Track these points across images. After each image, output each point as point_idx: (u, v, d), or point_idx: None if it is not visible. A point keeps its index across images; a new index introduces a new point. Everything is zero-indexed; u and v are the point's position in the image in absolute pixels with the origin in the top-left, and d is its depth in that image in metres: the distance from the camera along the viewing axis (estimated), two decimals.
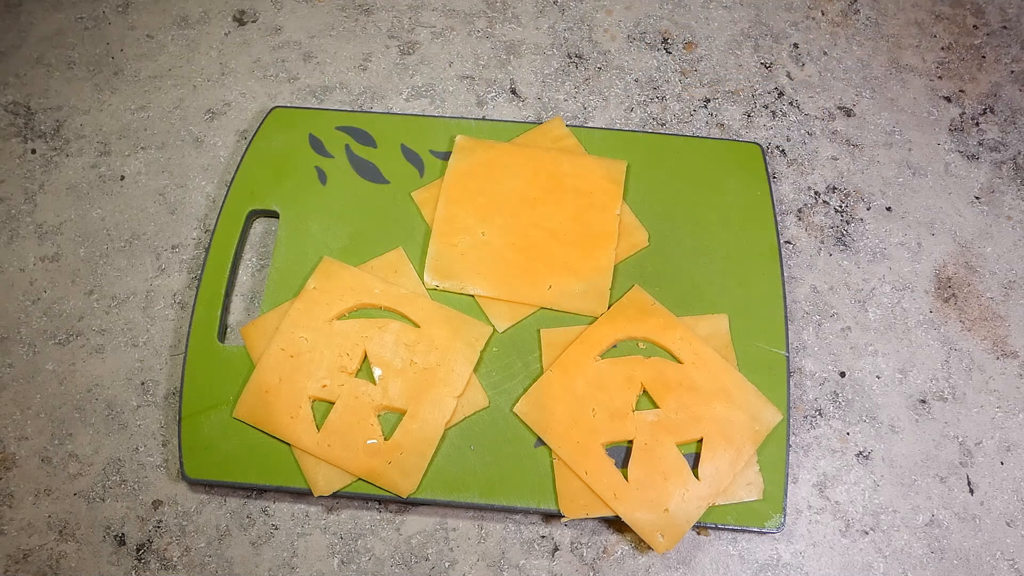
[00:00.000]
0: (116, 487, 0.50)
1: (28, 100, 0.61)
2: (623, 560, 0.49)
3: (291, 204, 0.56)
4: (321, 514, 0.50)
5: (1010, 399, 0.53)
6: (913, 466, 0.51)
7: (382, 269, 0.53)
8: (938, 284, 0.56)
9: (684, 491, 0.48)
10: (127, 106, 0.61)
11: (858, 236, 0.57)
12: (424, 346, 0.51)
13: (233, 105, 0.61)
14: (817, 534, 0.50)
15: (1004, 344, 0.54)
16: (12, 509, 0.50)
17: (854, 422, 0.52)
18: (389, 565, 0.49)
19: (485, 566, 0.49)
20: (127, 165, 0.59)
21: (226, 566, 0.49)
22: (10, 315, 0.54)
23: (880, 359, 0.54)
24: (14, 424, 0.52)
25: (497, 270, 0.53)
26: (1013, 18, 0.65)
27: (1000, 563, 0.49)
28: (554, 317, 0.53)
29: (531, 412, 0.50)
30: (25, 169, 0.59)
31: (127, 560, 0.49)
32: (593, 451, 0.49)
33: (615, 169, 0.56)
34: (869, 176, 0.59)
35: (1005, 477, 0.51)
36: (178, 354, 0.53)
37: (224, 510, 0.50)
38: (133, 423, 0.52)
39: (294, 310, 0.52)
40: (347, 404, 0.49)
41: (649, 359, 0.51)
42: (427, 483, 0.49)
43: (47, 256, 0.56)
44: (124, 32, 0.63)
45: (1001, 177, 0.59)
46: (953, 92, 0.62)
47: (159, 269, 0.56)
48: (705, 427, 0.49)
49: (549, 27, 0.64)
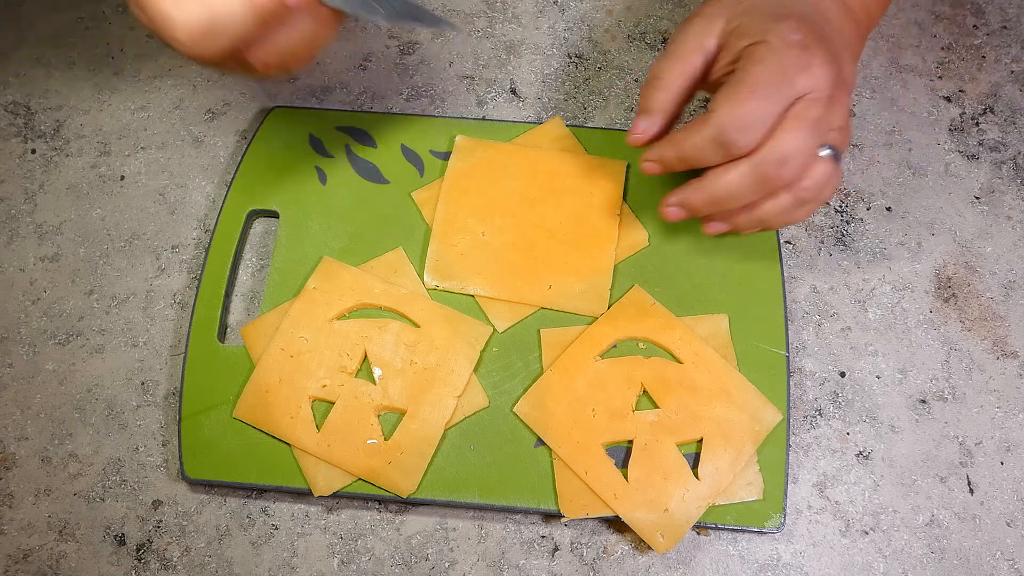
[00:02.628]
0: (116, 487, 0.50)
1: (28, 100, 0.61)
2: (623, 560, 0.49)
3: (291, 204, 0.56)
4: (321, 514, 0.50)
5: (1010, 399, 0.53)
6: (913, 466, 0.51)
7: (382, 269, 0.54)
8: (938, 284, 0.56)
9: (684, 491, 0.48)
10: (127, 106, 0.61)
11: (858, 236, 0.57)
12: (424, 346, 0.51)
13: (233, 105, 0.61)
14: (817, 534, 0.50)
15: (1004, 344, 0.54)
16: (12, 509, 0.50)
17: (854, 422, 0.52)
18: (389, 565, 0.49)
19: (485, 566, 0.49)
20: (127, 165, 0.59)
21: (226, 566, 0.49)
22: (10, 315, 0.54)
23: (880, 359, 0.54)
24: (14, 424, 0.52)
25: (497, 270, 0.53)
26: (1013, 18, 0.65)
27: (1000, 563, 0.49)
28: (554, 317, 0.53)
29: (531, 412, 0.50)
30: (25, 169, 0.59)
31: (127, 560, 0.49)
32: (593, 451, 0.49)
33: (615, 169, 0.56)
34: (869, 176, 0.59)
35: (1005, 477, 0.51)
36: (178, 354, 0.53)
37: (224, 510, 0.50)
38: (133, 423, 0.52)
39: (294, 310, 0.52)
40: (347, 404, 0.49)
41: (649, 359, 0.51)
42: (427, 483, 0.49)
43: (47, 256, 0.56)
44: (124, 32, 0.63)
45: (1001, 177, 0.59)
46: (953, 92, 0.62)
47: (159, 269, 0.56)
48: (705, 427, 0.49)
49: (549, 27, 0.64)
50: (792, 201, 0.45)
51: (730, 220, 0.48)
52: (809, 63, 0.42)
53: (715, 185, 0.45)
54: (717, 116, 0.43)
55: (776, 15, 0.44)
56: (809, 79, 0.42)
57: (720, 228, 0.49)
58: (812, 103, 0.43)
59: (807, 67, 0.42)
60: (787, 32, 0.43)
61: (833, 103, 0.43)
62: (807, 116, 0.43)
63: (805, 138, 0.43)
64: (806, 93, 0.43)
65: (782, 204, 0.46)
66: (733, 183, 0.44)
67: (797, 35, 0.43)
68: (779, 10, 0.45)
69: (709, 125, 0.44)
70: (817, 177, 0.44)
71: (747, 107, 0.42)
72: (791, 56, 0.42)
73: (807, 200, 0.45)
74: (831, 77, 0.43)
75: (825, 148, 0.44)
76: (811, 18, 0.45)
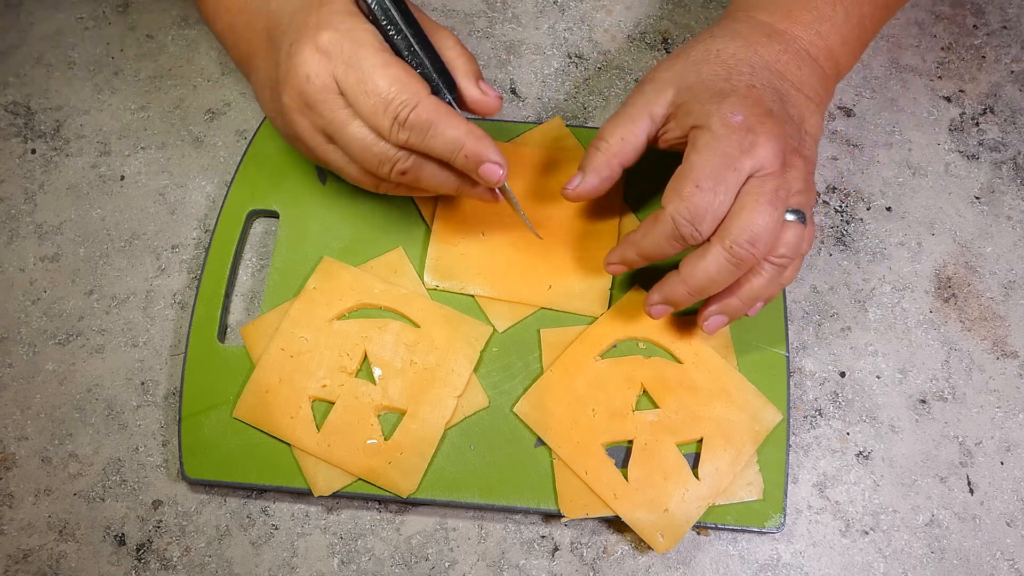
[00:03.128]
0: (116, 487, 0.50)
1: (28, 100, 0.61)
2: (623, 560, 0.49)
3: (291, 204, 0.56)
4: (321, 514, 0.50)
5: (1010, 399, 0.53)
6: (913, 466, 0.51)
7: (382, 269, 0.53)
8: (938, 284, 0.56)
9: (684, 491, 0.48)
10: (127, 106, 0.61)
11: (858, 236, 0.57)
12: (424, 346, 0.51)
13: (233, 105, 0.61)
14: (817, 534, 0.50)
15: (1004, 344, 0.54)
16: (12, 509, 0.50)
17: (854, 422, 0.52)
18: (389, 565, 0.49)
19: (485, 566, 0.49)
20: (127, 165, 0.59)
21: (226, 566, 0.49)
22: (10, 315, 0.54)
23: (880, 359, 0.54)
24: (14, 424, 0.52)
25: (497, 270, 0.53)
26: (1013, 18, 0.65)
27: (1000, 563, 0.49)
28: (554, 317, 0.53)
29: (531, 412, 0.50)
30: (25, 169, 0.59)
31: (127, 560, 0.49)
32: (593, 451, 0.49)
33: None
34: (869, 176, 0.59)
35: (1005, 477, 0.51)
36: (178, 354, 0.53)
37: (224, 510, 0.50)
38: (133, 423, 0.52)
39: (294, 310, 0.52)
40: (347, 404, 0.49)
41: (649, 359, 0.51)
42: (427, 483, 0.49)
43: (47, 256, 0.56)
44: (124, 32, 0.63)
45: (1001, 177, 0.59)
46: (953, 92, 0.62)
47: (159, 269, 0.56)
48: (705, 427, 0.49)
49: (549, 27, 0.64)
50: (774, 270, 0.46)
51: (722, 306, 0.47)
52: (753, 144, 0.43)
53: (694, 275, 0.45)
54: (668, 212, 0.44)
55: (720, 92, 0.45)
56: (754, 159, 0.43)
57: (721, 322, 0.48)
58: (765, 179, 0.43)
59: (751, 148, 0.43)
60: (728, 114, 0.44)
61: (787, 170, 0.44)
62: (763, 192, 0.43)
63: (767, 213, 0.43)
64: (756, 172, 0.43)
65: (767, 276, 0.46)
66: (711, 269, 0.45)
67: (739, 116, 0.43)
68: (725, 84, 0.45)
69: (661, 222, 0.45)
70: (790, 241, 0.45)
71: (695, 200, 0.43)
72: (734, 141, 0.43)
73: (786, 264, 0.46)
74: (778, 149, 0.44)
75: (789, 213, 0.45)
76: (758, 88, 0.45)
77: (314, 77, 0.42)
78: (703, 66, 0.47)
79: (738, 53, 0.47)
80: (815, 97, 0.48)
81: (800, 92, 0.47)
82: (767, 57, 0.47)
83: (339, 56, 0.42)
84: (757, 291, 0.46)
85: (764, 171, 0.43)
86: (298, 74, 0.43)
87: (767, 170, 0.43)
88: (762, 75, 0.46)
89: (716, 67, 0.46)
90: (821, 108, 0.48)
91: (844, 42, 0.50)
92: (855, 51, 0.51)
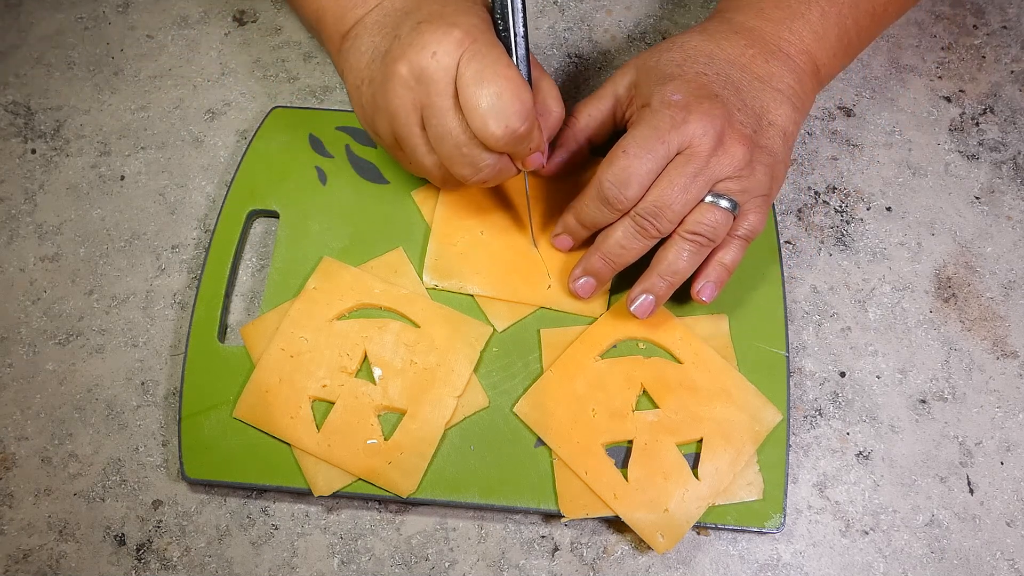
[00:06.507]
0: (116, 487, 0.50)
1: (28, 100, 0.61)
2: (623, 560, 0.49)
3: (291, 204, 0.56)
4: (321, 514, 0.50)
5: (1010, 399, 0.53)
6: (913, 466, 0.51)
7: (382, 269, 0.54)
8: (938, 284, 0.56)
9: (684, 491, 0.48)
10: (127, 106, 0.61)
11: (858, 236, 0.57)
12: (424, 346, 0.51)
13: (233, 105, 0.61)
14: (817, 534, 0.50)
15: (1004, 344, 0.54)
16: (12, 509, 0.50)
17: (854, 422, 0.52)
18: (389, 565, 0.49)
19: (485, 566, 0.49)
20: (127, 165, 0.59)
21: (226, 566, 0.49)
22: (10, 315, 0.54)
23: (880, 359, 0.54)
24: (14, 424, 0.52)
25: (497, 270, 0.53)
26: (1013, 18, 0.65)
27: (1000, 563, 0.49)
28: (554, 317, 0.53)
29: (531, 412, 0.50)
30: (25, 169, 0.59)
31: (127, 560, 0.49)
32: (593, 451, 0.49)
33: None
34: (869, 176, 0.59)
35: (1005, 477, 0.51)
36: (178, 354, 0.53)
37: (224, 510, 0.50)
38: (133, 423, 0.52)
39: (294, 310, 0.52)
40: (347, 404, 0.49)
41: (649, 359, 0.51)
42: (427, 483, 0.49)
43: (47, 256, 0.56)
44: (124, 32, 0.63)
45: (1001, 177, 0.59)
46: (953, 92, 0.62)
47: (159, 269, 0.56)
48: (705, 427, 0.49)
49: (549, 27, 0.64)
50: (690, 247, 0.47)
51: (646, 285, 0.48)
52: (685, 120, 0.45)
53: (605, 242, 0.48)
54: (597, 176, 0.46)
55: (668, 76, 0.48)
56: (682, 135, 0.45)
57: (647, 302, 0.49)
58: (690, 157, 0.45)
59: (682, 124, 0.45)
60: (668, 94, 0.46)
61: (718, 153, 0.45)
62: (681, 168, 0.45)
63: (677, 186, 0.45)
64: (683, 148, 0.45)
65: (680, 250, 0.47)
66: (618, 233, 0.47)
67: (677, 95, 0.46)
68: (676, 69, 0.48)
69: (592, 186, 0.47)
70: (705, 221, 0.46)
71: (620, 164, 0.45)
72: (666, 116, 0.45)
73: (702, 243, 0.47)
74: (712, 130, 0.45)
75: (714, 196, 0.46)
76: (708, 76, 0.47)
77: (441, 55, 0.43)
78: (664, 53, 0.49)
79: (700, 45, 0.49)
80: (786, 89, 0.49)
81: (766, 84, 0.48)
82: (730, 51, 0.49)
83: (470, 47, 0.43)
84: (673, 265, 0.47)
85: (690, 149, 0.45)
86: (425, 46, 0.43)
87: (693, 149, 0.45)
88: (718, 66, 0.48)
89: (674, 54, 0.49)
90: (795, 100, 0.49)
91: (819, 39, 0.51)
92: (836, 49, 0.52)
